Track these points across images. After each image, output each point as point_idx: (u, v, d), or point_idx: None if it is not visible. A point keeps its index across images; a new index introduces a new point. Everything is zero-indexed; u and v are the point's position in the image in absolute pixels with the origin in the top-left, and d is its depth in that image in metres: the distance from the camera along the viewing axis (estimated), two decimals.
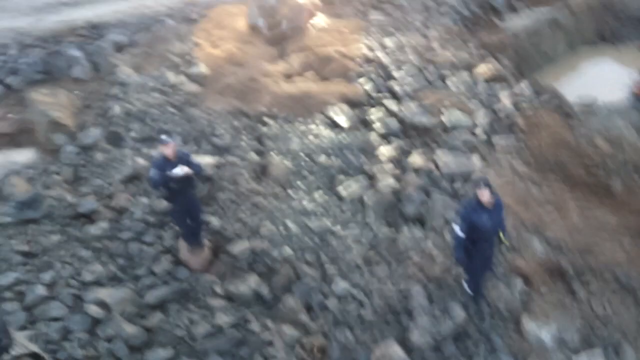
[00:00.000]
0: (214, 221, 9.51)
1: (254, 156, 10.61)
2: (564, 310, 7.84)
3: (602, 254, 8.54)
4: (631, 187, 9.61)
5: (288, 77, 12.71)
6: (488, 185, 7.07)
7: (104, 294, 8.48)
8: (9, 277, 8.65)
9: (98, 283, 8.75)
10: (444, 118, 11.09)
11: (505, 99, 11.64)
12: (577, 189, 9.76)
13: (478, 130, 10.90)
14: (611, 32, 18.58)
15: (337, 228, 9.25)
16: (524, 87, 12.18)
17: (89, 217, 9.83)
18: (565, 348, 7.41)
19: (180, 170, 8.07)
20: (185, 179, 8.28)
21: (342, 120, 11.15)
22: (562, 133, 10.50)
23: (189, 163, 8.27)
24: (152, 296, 8.45)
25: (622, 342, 7.45)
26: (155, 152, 9.90)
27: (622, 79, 12.97)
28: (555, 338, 7.51)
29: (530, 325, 7.58)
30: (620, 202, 9.48)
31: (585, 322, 7.73)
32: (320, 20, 14.47)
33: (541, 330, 7.50)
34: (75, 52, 13.75)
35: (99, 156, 10.83)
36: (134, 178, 10.42)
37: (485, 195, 7.01)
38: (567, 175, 9.96)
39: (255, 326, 7.92)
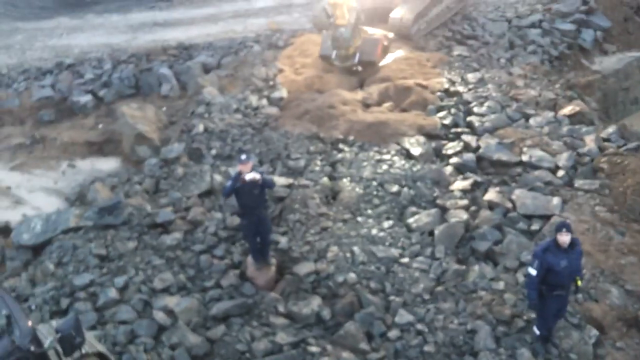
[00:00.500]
0: (283, 241, 9.62)
1: (326, 181, 10.71)
2: None
3: None
4: None
5: (366, 106, 12.84)
6: (569, 229, 6.81)
7: (172, 302, 8.69)
8: (85, 279, 9.05)
9: (167, 291, 8.99)
10: (524, 157, 10.79)
11: (590, 142, 11.17)
12: None
13: (560, 173, 10.51)
14: None
15: (405, 260, 9.10)
16: (611, 131, 11.67)
17: (165, 228, 10.20)
18: None
19: (253, 174, 8.38)
20: (258, 193, 8.56)
21: (417, 152, 11.08)
22: None
23: (263, 179, 8.57)
24: (217, 309, 8.59)
25: None
26: (232, 170, 10.22)
27: None
28: None
29: None
30: None
31: None
32: (401, 53, 14.55)
33: None
34: (165, 71, 14.56)
35: (180, 170, 11.28)
36: (210, 193, 10.77)
37: (565, 239, 6.75)
38: None
39: (314, 348, 7.86)
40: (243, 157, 8.74)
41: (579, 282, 7.09)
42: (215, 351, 8.01)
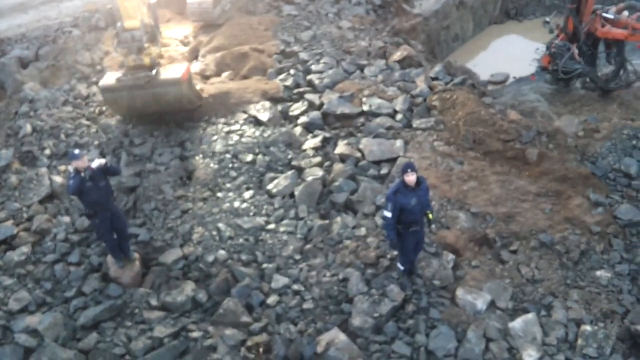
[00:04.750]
0: (142, 233, 9.24)
1: (177, 163, 10.38)
2: (495, 278, 8.16)
3: (526, 221, 8.95)
4: (546, 155, 10.11)
5: (206, 78, 12.52)
6: (414, 169, 7.25)
7: (34, 321, 8.11)
8: None
9: (26, 311, 8.37)
10: (365, 107, 11.26)
11: (421, 83, 11.94)
12: (496, 163, 10.17)
13: (399, 116, 11.13)
14: (516, 9, 19.53)
15: (272, 226, 9.20)
16: (438, 69, 12.54)
17: (9, 244, 9.35)
18: (501, 315, 7.71)
19: (98, 161, 8.12)
20: (105, 185, 8.23)
21: (266, 117, 11.08)
22: (477, 111, 10.88)
23: (109, 165, 8.34)
24: (85, 317, 8.11)
25: (553, 303, 7.83)
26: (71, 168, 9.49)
27: (530, 54, 13.61)
28: (490, 306, 7.80)
29: (465, 297, 7.83)
30: (538, 170, 9.95)
31: (517, 287, 8.07)
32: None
33: (476, 301, 7.77)
34: None
35: (14, 179, 10.28)
36: (52, 198, 10.00)
37: (412, 179, 7.19)
38: (487, 151, 10.35)
39: (196, 334, 7.74)
40: (76, 152, 8.21)
41: (430, 216, 7.64)
42: None
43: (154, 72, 10.43)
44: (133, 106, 10.75)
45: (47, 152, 10.79)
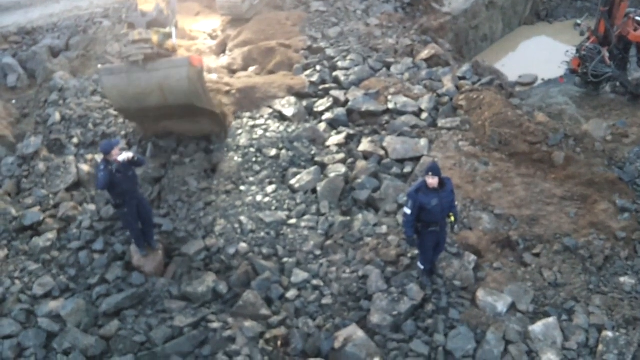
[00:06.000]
0: (166, 223, 9.35)
1: (202, 155, 10.46)
2: (516, 281, 8.08)
3: (550, 224, 8.84)
4: (573, 159, 9.97)
5: (233, 72, 12.61)
6: (435, 172, 7.21)
7: (57, 306, 8.24)
8: None
9: (50, 296, 8.51)
10: (390, 105, 11.22)
11: (448, 82, 11.86)
12: (522, 165, 10.06)
13: (424, 115, 11.07)
14: (546, 10, 19.24)
15: (293, 220, 9.24)
16: (465, 69, 12.44)
17: (35, 230, 9.54)
18: (521, 318, 7.63)
19: (125, 154, 8.07)
20: (132, 175, 8.29)
21: (290, 112, 11.12)
22: (504, 112, 10.76)
23: (136, 156, 8.29)
24: (107, 304, 8.23)
25: (574, 307, 7.73)
26: (99, 157, 9.63)
27: (559, 56, 13.40)
28: (510, 309, 7.73)
29: (485, 298, 7.77)
30: (564, 174, 9.81)
31: (539, 290, 7.98)
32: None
33: (497, 302, 7.70)
34: (9, 60, 13.30)
35: (41, 166, 10.47)
36: (78, 186, 10.17)
37: (432, 182, 7.18)
38: (512, 152, 10.24)
39: (215, 325, 7.81)
40: (114, 140, 8.38)
41: (452, 218, 7.58)
42: (112, 348, 7.73)
43: (157, 50, 9.28)
44: (134, 95, 9.45)
45: (75, 140, 10.97)
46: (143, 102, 9.51)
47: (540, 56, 16.25)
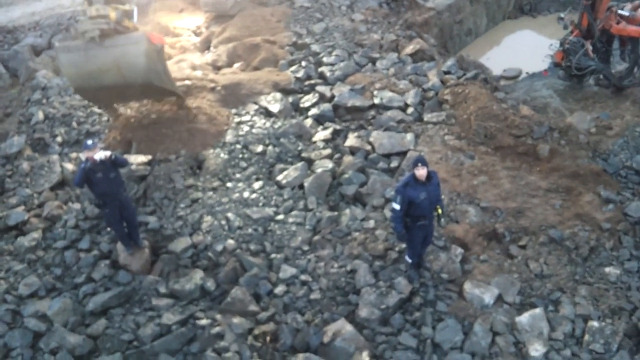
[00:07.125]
0: (152, 221, 9.29)
1: (187, 152, 10.41)
2: (503, 273, 8.14)
3: (535, 216, 8.91)
4: (557, 151, 10.05)
5: (217, 69, 12.55)
6: (424, 163, 7.23)
7: (44, 306, 8.17)
8: None
9: (36, 295, 8.43)
10: (376, 100, 11.24)
11: (433, 77, 11.90)
12: (507, 158, 10.13)
13: (410, 110, 11.11)
14: (530, 4, 19.37)
15: (280, 216, 9.22)
16: (450, 63, 12.49)
17: (19, 229, 9.44)
18: (508, 309, 7.69)
19: (101, 153, 8.00)
20: (114, 176, 8.21)
21: (276, 109, 11.09)
22: (489, 105, 10.83)
23: (115, 157, 8.19)
24: (94, 303, 8.17)
25: (560, 298, 7.80)
26: (84, 156, 9.54)
27: (543, 50, 13.50)
28: (497, 300, 7.78)
29: (472, 290, 7.82)
30: (549, 166, 9.89)
31: (525, 282, 8.05)
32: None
33: (483, 294, 7.75)
34: None
35: (25, 165, 10.36)
36: (63, 185, 10.08)
37: (422, 173, 7.18)
38: (497, 145, 10.30)
39: (204, 322, 7.78)
40: (89, 142, 8.16)
41: (440, 211, 7.61)
42: (100, 347, 7.67)
43: (115, 26, 9.10)
44: (90, 72, 9.19)
45: (59, 139, 10.88)
46: (100, 80, 9.27)
47: (524, 50, 16.37)
